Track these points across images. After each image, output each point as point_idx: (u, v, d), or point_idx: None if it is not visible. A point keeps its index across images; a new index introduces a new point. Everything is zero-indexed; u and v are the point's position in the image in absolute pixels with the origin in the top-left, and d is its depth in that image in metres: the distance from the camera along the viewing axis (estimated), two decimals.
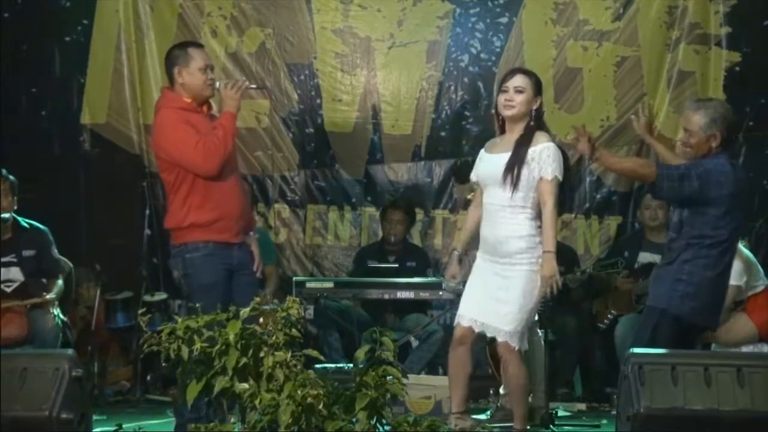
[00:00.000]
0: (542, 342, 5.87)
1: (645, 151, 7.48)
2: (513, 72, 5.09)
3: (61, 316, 6.39)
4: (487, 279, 4.96)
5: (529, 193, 4.87)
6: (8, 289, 6.34)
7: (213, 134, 5.07)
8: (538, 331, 5.86)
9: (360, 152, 7.79)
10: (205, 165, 5.04)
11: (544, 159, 4.86)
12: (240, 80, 5.37)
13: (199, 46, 5.39)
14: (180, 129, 5.07)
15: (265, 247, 6.28)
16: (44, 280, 6.46)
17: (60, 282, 6.50)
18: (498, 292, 4.90)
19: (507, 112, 4.97)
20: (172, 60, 5.21)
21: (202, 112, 5.20)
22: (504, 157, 4.91)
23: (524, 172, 4.87)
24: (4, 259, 6.35)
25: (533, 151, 4.87)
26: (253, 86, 5.52)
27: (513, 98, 4.95)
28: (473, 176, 5.13)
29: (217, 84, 5.22)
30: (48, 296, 6.30)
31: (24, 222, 6.46)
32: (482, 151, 5.13)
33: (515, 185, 4.86)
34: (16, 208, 6.40)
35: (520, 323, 4.88)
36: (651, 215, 6.87)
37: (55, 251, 6.51)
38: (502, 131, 5.06)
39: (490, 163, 4.99)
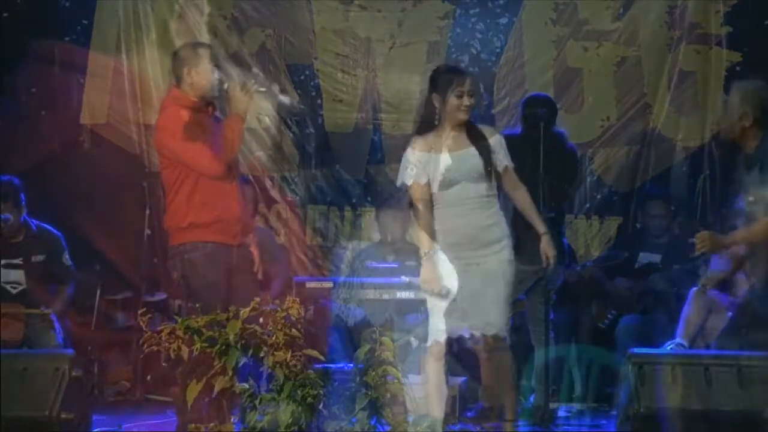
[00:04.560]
0: (543, 342, 5.87)
1: (645, 151, 7.48)
2: (463, 74, 5.04)
3: (59, 338, 6.23)
4: (460, 279, 4.93)
5: (494, 183, 5.01)
6: (14, 291, 6.33)
7: (221, 136, 5.06)
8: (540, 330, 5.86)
9: (360, 152, 7.79)
10: (212, 166, 5.04)
11: (503, 149, 5.02)
12: (249, 83, 5.25)
13: (208, 46, 5.36)
14: (187, 128, 5.05)
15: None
16: (53, 286, 6.45)
17: (69, 291, 6.48)
18: (477, 287, 4.90)
19: (465, 117, 4.98)
20: (181, 60, 5.18)
21: (207, 111, 5.19)
22: (471, 153, 4.95)
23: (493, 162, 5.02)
24: (12, 261, 6.33)
25: (493, 142, 5.00)
26: (263, 89, 5.39)
27: (469, 103, 4.96)
28: (422, 179, 4.96)
29: (225, 85, 5.19)
30: (46, 310, 6.22)
31: (36, 226, 6.42)
32: (423, 154, 4.96)
33: (492, 176, 4.98)
34: (24, 212, 6.35)
35: (506, 313, 4.94)
36: (657, 224, 6.87)
37: (66, 258, 6.48)
38: (428, 131, 4.99)
39: (458, 161, 4.95)
